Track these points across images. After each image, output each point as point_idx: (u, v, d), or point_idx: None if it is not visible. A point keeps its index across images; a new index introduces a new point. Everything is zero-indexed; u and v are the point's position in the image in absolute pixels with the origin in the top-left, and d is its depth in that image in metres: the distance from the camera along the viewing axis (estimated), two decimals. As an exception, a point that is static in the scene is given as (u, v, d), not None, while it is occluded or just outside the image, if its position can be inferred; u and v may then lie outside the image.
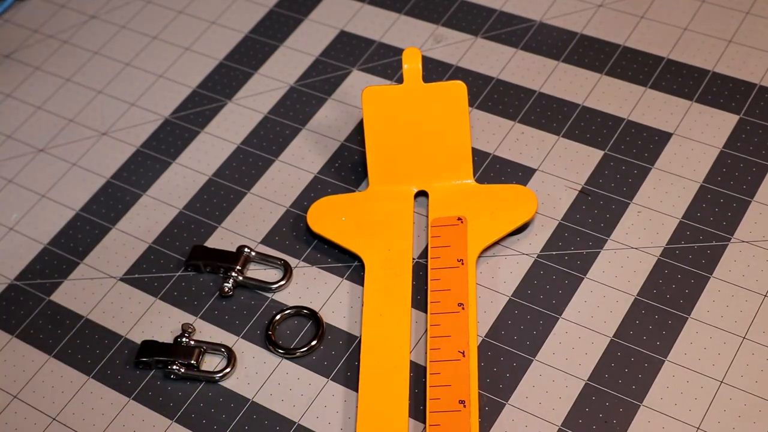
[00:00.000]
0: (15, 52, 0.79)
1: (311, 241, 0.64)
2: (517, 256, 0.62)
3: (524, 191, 0.63)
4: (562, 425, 0.55)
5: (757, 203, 0.62)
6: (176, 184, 0.68)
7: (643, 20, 0.73)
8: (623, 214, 0.63)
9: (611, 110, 0.68)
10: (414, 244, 0.63)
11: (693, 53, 0.70)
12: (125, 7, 0.81)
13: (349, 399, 0.57)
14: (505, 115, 0.69)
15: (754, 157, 0.64)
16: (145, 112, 0.73)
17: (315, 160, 0.68)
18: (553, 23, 0.73)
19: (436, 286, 0.60)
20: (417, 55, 0.65)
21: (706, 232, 0.61)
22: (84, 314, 0.63)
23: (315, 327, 0.60)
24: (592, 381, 0.56)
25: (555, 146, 0.67)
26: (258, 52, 0.75)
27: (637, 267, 0.60)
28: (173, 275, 0.64)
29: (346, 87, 0.72)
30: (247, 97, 0.73)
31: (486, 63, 0.72)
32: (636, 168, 0.65)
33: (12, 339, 0.63)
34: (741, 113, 0.67)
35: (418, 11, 0.76)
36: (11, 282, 0.65)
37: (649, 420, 0.55)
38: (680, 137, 0.66)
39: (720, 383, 0.55)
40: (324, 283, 0.62)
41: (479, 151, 0.67)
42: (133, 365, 0.60)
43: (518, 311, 0.59)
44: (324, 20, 0.77)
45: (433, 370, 0.56)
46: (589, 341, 0.58)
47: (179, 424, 0.58)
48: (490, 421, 0.56)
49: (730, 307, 0.58)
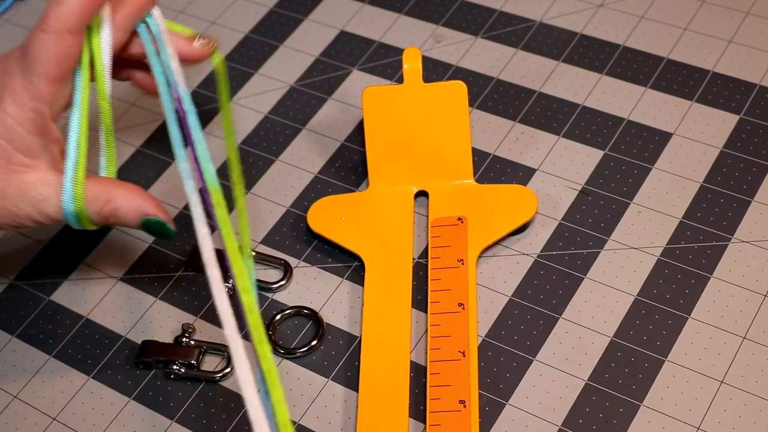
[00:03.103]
0: (15, 52, 0.79)
1: (311, 241, 0.64)
2: (517, 256, 0.62)
3: (524, 191, 0.63)
4: (562, 425, 0.55)
5: (757, 203, 0.62)
6: (176, 184, 0.68)
7: (643, 20, 0.73)
8: (623, 214, 0.63)
9: (611, 110, 0.68)
10: (414, 244, 0.63)
11: (693, 53, 0.70)
12: (125, 7, 0.80)
13: (349, 399, 0.57)
14: (505, 115, 0.69)
15: (754, 157, 0.64)
16: (145, 112, 0.73)
17: (315, 160, 0.68)
18: (553, 23, 0.73)
19: (436, 286, 0.60)
20: (417, 55, 0.65)
21: (707, 232, 0.61)
22: (84, 314, 0.63)
23: (315, 327, 0.60)
24: (592, 381, 0.56)
25: (555, 146, 0.67)
26: (258, 52, 0.75)
27: (638, 267, 0.60)
28: (173, 275, 0.64)
29: (346, 87, 0.72)
30: (247, 97, 0.73)
31: (486, 63, 0.72)
32: (636, 168, 0.65)
33: (12, 339, 0.63)
34: (741, 113, 0.67)
35: (418, 11, 0.76)
36: (11, 282, 0.65)
37: (649, 420, 0.55)
38: (680, 137, 0.66)
39: (720, 383, 0.55)
40: (324, 283, 0.62)
41: (479, 151, 0.67)
42: (133, 365, 0.60)
43: (518, 311, 0.60)
44: (324, 20, 0.77)
45: (434, 370, 0.56)
46: (590, 341, 0.58)
47: (179, 424, 0.58)
48: (490, 421, 0.56)
49: (730, 307, 0.58)
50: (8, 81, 0.53)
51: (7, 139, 0.53)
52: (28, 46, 0.53)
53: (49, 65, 0.53)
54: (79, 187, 0.54)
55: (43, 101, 0.53)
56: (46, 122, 0.54)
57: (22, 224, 0.55)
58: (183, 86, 0.54)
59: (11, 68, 0.54)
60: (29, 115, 0.53)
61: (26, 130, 0.53)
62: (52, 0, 0.53)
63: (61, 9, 0.53)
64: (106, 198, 0.55)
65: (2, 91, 0.53)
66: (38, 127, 0.53)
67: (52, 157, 0.55)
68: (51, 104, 0.54)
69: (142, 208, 0.56)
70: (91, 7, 0.53)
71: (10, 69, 0.54)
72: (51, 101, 0.53)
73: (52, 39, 0.53)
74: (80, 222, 0.55)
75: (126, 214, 0.55)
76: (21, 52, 0.54)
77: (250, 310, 0.45)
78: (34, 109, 0.53)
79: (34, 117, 0.53)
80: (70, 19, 0.53)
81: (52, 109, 0.54)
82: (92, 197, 0.55)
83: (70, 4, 0.53)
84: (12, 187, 0.54)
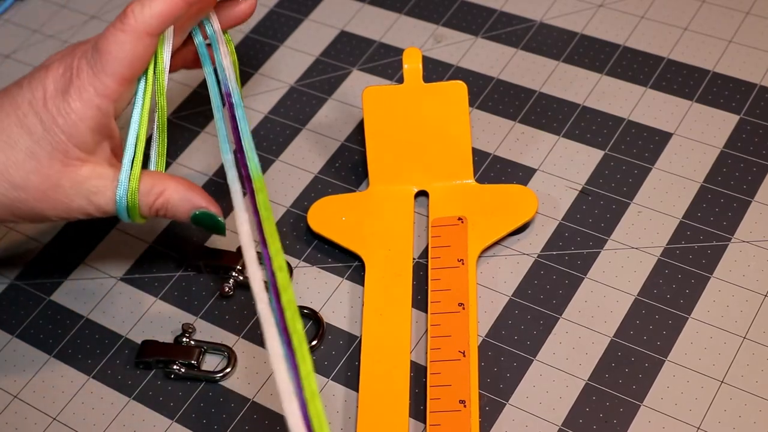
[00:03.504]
0: (15, 52, 0.79)
1: (311, 241, 0.64)
2: (517, 256, 0.62)
3: (524, 191, 0.63)
4: (562, 425, 0.55)
5: (757, 203, 0.62)
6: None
7: (643, 20, 0.73)
8: (623, 214, 0.63)
9: (611, 110, 0.68)
10: (414, 244, 0.63)
11: (693, 53, 0.70)
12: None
13: (349, 399, 0.57)
14: (505, 115, 0.69)
15: (754, 157, 0.64)
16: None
17: (315, 160, 0.68)
18: (553, 23, 0.73)
19: (436, 286, 0.60)
20: (417, 55, 0.65)
21: (707, 232, 0.61)
22: (84, 314, 0.63)
23: (315, 327, 0.60)
24: (592, 381, 0.56)
25: (555, 146, 0.67)
26: (258, 52, 0.75)
27: (638, 267, 0.60)
28: (173, 275, 0.64)
29: (346, 87, 0.72)
30: (247, 97, 0.73)
31: (486, 63, 0.72)
32: (636, 168, 0.65)
33: (12, 339, 0.63)
34: (741, 113, 0.67)
35: (418, 11, 0.76)
36: (11, 282, 0.65)
37: (649, 420, 0.55)
38: (680, 137, 0.66)
39: (720, 383, 0.55)
40: (324, 283, 0.62)
41: (479, 151, 0.67)
42: (133, 365, 0.60)
43: (518, 311, 0.60)
44: (324, 20, 0.77)
45: (434, 370, 0.56)
46: (590, 341, 0.58)
47: (179, 424, 0.58)
48: (490, 421, 0.56)
49: (730, 307, 0.58)
50: (76, 77, 0.54)
51: (68, 135, 0.54)
52: (102, 44, 0.54)
53: (122, 65, 0.53)
54: (135, 181, 0.55)
55: (110, 99, 0.54)
56: (109, 120, 0.54)
57: (73, 216, 0.56)
58: (234, 82, 0.56)
59: (79, 64, 0.54)
60: (93, 112, 0.54)
61: (88, 126, 0.54)
62: (136, 0, 0.54)
63: (143, 11, 0.53)
64: (159, 190, 0.56)
65: (68, 85, 0.54)
66: (100, 124, 0.54)
67: (107, 153, 0.56)
68: (116, 102, 0.54)
69: (194, 200, 0.56)
70: (175, 12, 0.54)
71: (78, 65, 0.54)
72: (116, 100, 0.54)
73: (129, 39, 0.53)
74: (131, 215, 0.56)
75: (176, 206, 0.56)
76: (93, 49, 0.54)
77: (284, 288, 0.46)
78: (99, 107, 0.54)
79: (98, 115, 0.54)
80: (152, 22, 0.53)
81: (116, 108, 0.55)
82: (145, 190, 0.56)
83: (154, 8, 0.53)
84: (67, 179, 0.54)
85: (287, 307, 0.45)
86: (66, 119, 0.53)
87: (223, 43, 0.58)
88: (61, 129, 0.53)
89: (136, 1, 0.54)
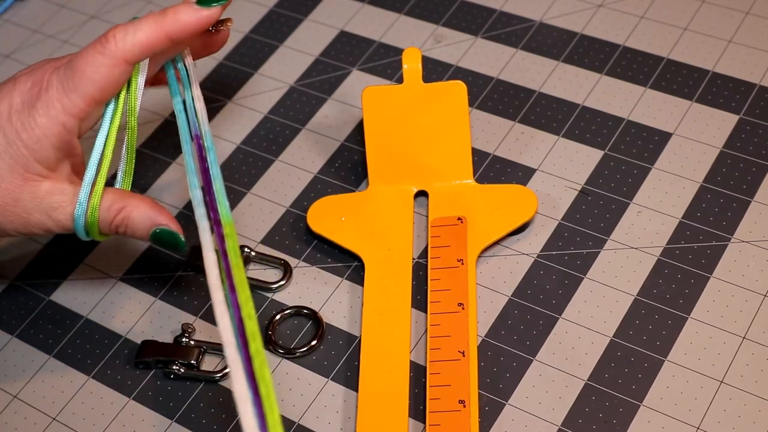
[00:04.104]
0: (15, 52, 0.79)
1: (311, 241, 0.64)
2: (517, 256, 0.62)
3: (524, 191, 0.63)
4: (562, 425, 0.55)
5: (757, 203, 0.62)
6: (176, 184, 0.68)
7: (643, 20, 0.73)
8: (623, 214, 0.63)
9: (611, 110, 0.68)
10: (414, 244, 0.63)
11: (693, 53, 0.70)
12: (125, 7, 0.81)
13: (349, 399, 0.57)
14: (505, 115, 0.69)
15: (754, 157, 0.64)
16: (144, 112, 0.73)
17: (315, 160, 0.68)
18: (553, 23, 0.73)
19: (436, 286, 0.60)
20: (417, 55, 0.65)
21: (706, 232, 0.61)
22: (84, 314, 0.63)
23: (315, 327, 0.60)
24: (592, 381, 0.56)
25: (555, 146, 0.67)
26: (258, 52, 0.75)
27: (637, 267, 0.60)
28: (173, 275, 0.64)
29: (346, 87, 0.72)
30: (247, 97, 0.73)
31: (486, 63, 0.72)
32: (636, 168, 0.65)
33: (12, 339, 0.63)
34: (741, 113, 0.67)
35: (418, 11, 0.76)
36: (11, 282, 0.65)
37: (649, 420, 0.55)
38: (680, 137, 0.66)
39: (720, 383, 0.55)
40: (324, 283, 0.62)
41: (479, 151, 0.67)
42: (133, 365, 0.60)
43: (518, 311, 0.60)
44: (324, 20, 0.77)
45: (433, 370, 0.56)
46: (589, 341, 0.58)
47: (179, 424, 0.58)
48: (490, 421, 0.56)
49: (730, 307, 0.58)
50: (44, 91, 0.53)
51: (30, 149, 0.53)
52: (78, 62, 0.53)
53: (94, 87, 0.53)
54: (96, 199, 0.55)
55: (76, 118, 0.54)
56: (72, 138, 0.54)
57: (32, 231, 0.56)
58: (206, 126, 0.54)
59: (50, 79, 0.54)
60: (58, 129, 0.53)
61: (51, 143, 0.54)
62: (119, 26, 0.53)
63: (126, 38, 0.53)
64: (119, 207, 0.56)
65: (35, 100, 0.53)
66: (63, 141, 0.54)
67: (68, 170, 0.55)
68: (82, 122, 0.54)
69: (155, 218, 0.56)
70: (156, 45, 0.54)
71: (48, 80, 0.54)
72: (83, 119, 0.54)
73: (107, 63, 0.53)
74: (91, 232, 0.56)
75: (136, 224, 0.56)
76: (67, 66, 0.54)
77: (253, 336, 0.45)
78: (64, 124, 0.53)
79: (62, 132, 0.54)
80: (133, 50, 0.53)
81: (81, 127, 0.54)
82: (105, 207, 0.56)
83: (137, 37, 0.53)
84: (26, 194, 0.54)
85: (255, 356, 0.45)
86: (30, 134, 0.53)
87: (196, 83, 0.56)
88: (24, 143, 0.53)
89: (120, 27, 0.54)
